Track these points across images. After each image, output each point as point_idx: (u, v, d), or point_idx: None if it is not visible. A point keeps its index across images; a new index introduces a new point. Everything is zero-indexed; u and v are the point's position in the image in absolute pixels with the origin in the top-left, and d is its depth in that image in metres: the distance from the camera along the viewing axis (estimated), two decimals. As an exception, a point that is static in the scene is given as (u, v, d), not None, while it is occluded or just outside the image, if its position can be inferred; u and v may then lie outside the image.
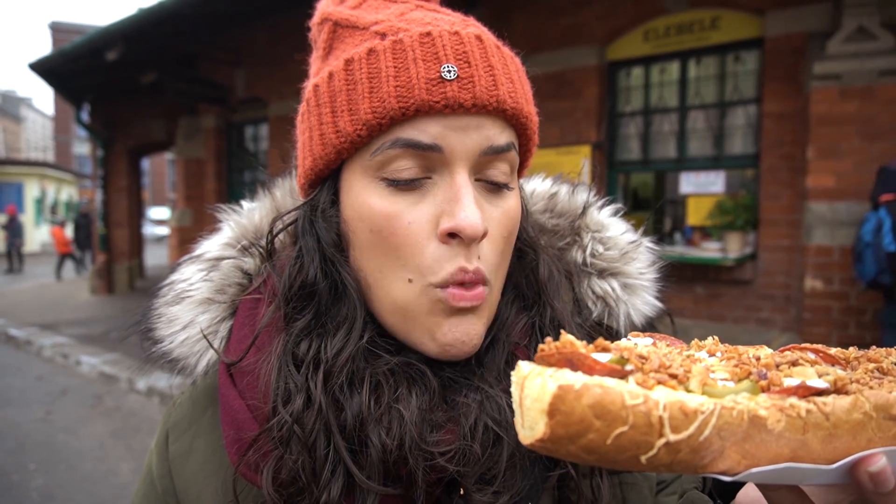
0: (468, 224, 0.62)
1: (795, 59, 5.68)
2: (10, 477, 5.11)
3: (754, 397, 0.41)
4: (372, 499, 0.63)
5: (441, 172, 0.66)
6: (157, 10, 8.32)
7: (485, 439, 0.65)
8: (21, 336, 10.18)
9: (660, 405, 0.38)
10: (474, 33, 0.69)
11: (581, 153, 6.86)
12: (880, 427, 0.42)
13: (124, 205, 14.48)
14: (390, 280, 0.67)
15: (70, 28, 35.09)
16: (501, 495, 0.64)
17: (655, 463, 0.38)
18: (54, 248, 18.88)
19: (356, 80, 0.66)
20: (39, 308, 13.01)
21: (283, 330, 0.70)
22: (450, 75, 0.64)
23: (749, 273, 6.05)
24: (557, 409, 0.37)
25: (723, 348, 0.50)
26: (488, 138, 0.66)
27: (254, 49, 9.81)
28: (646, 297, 0.83)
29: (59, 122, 46.48)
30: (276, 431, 0.64)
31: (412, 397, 0.65)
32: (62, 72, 11.51)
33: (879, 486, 0.41)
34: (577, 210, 0.86)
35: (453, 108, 0.63)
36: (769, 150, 5.91)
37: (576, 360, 0.41)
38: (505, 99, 0.66)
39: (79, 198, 37.12)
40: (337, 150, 0.68)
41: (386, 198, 0.66)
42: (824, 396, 0.42)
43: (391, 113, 0.63)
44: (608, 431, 0.37)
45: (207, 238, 0.85)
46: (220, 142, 11.53)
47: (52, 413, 6.68)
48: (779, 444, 0.40)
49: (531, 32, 7.23)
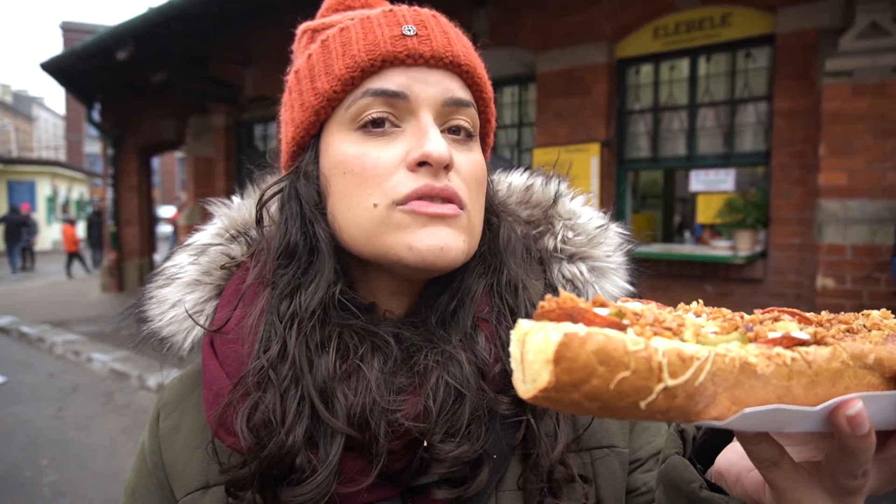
0: (434, 149, 0.68)
1: (807, 56, 5.63)
2: (22, 473, 5.16)
3: (744, 346, 0.44)
4: (335, 448, 0.66)
5: (408, 120, 0.72)
6: (167, 10, 8.37)
7: (446, 397, 0.69)
8: (33, 333, 10.28)
9: (659, 351, 0.39)
10: (430, 12, 0.79)
11: (590, 151, 6.83)
12: (856, 375, 0.45)
13: (135, 203, 14.57)
14: (357, 211, 0.71)
15: (81, 28, 35.30)
16: (465, 445, 0.68)
17: (653, 409, 0.40)
18: (63, 246, 19.01)
19: (330, 49, 0.75)
20: (51, 306, 13.13)
21: (268, 286, 0.75)
22: (410, 32, 0.73)
23: (759, 271, 6.00)
24: (563, 356, 0.38)
25: (708, 310, 0.52)
26: (448, 90, 0.73)
27: (263, 48, 9.84)
28: (615, 280, 0.87)
29: (70, 122, 46.80)
30: (253, 376, 0.69)
31: (375, 361, 0.70)
32: (73, 71, 11.60)
33: (856, 429, 0.44)
34: (550, 200, 0.90)
35: (414, 59, 0.72)
36: (780, 148, 5.86)
37: (576, 314, 0.43)
38: (459, 55, 0.74)
39: (90, 196, 37.38)
40: (315, 111, 0.75)
41: (358, 143, 0.72)
42: (806, 347, 0.45)
43: (362, 65, 0.71)
44: (611, 377, 0.38)
45: (199, 230, 0.90)
46: (230, 140, 11.58)
47: (64, 410, 6.74)
48: (766, 391, 0.42)
49: (540, 30, 7.21)
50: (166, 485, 0.81)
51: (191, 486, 0.78)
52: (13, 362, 8.89)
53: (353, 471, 0.68)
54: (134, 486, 0.86)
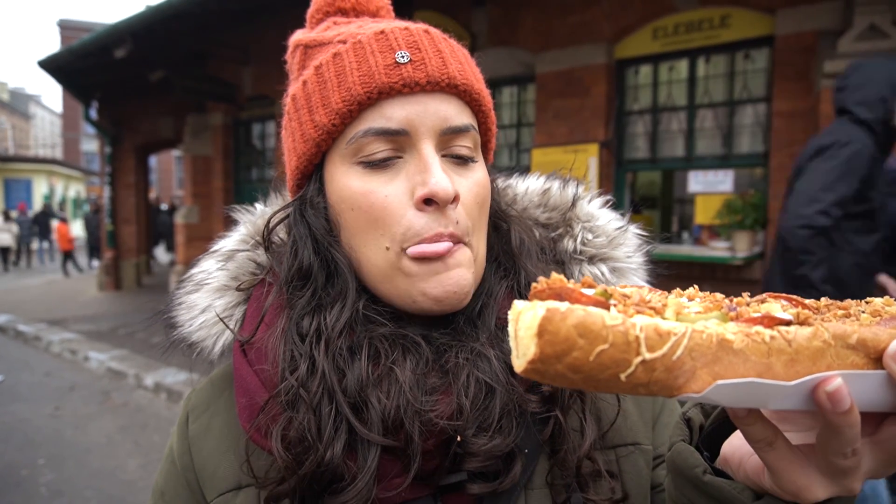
0: (440, 188, 0.70)
1: (806, 58, 5.63)
2: (19, 472, 5.14)
3: (723, 324, 0.45)
4: (373, 454, 0.68)
5: (410, 151, 0.74)
6: (165, 8, 8.35)
7: (477, 392, 0.71)
8: (30, 332, 10.25)
9: (637, 326, 0.41)
10: (422, 28, 0.78)
11: (589, 151, 6.83)
12: (838, 355, 0.45)
13: (132, 202, 14.55)
14: (372, 251, 0.74)
15: (79, 26, 35.22)
16: (497, 439, 0.70)
17: (634, 381, 0.42)
18: (57, 244, 18.95)
19: (325, 79, 0.75)
20: (48, 304, 13.10)
21: (287, 308, 0.77)
22: (403, 59, 0.72)
23: (758, 272, 6.00)
24: (546, 330, 0.40)
25: (702, 295, 0.53)
26: (447, 119, 0.74)
27: (261, 47, 9.83)
28: (635, 280, 0.89)
29: (67, 120, 46.71)
30: (284, 395, 0.71)
31: (407, 363, 0.72)
32: (71, 69, 11.56)
33: (836, 406, 0.44)
34: (568, 203, 0.92)
35: (411, 87, 0.72)
36: (779, 149, 5.86)
37: (564, 294, 0.46)
38: (455, 76, 0.74)
39: (87, 194, 37.29)
40: (316, 143, 0.76)
41: (363, 177, 0.74)
42: (788, 327, 0.46)
43: (358, 98, 0.72)
44: (590, 349, 0.40)
45: (223, 237, 0.93)
46: (228, 139, 11.56)
47: (61, 409, 6.73)
48: (745, 367, 0.43)
49: (539, 30, 7.21)
50: (196, 487, 0.82)
51: (222, 487, 0.79)
52: (10, 361, 8.86)
53: (390, 473, 0.70)
54: (163, 488, 0.86)
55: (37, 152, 50.07)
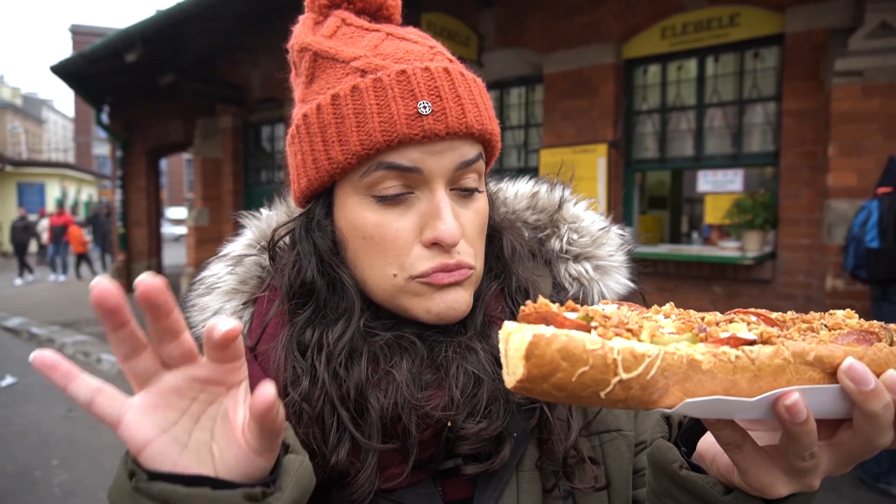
0: (448, 235, 0.75)
1: (816, 56, 5.59)
2: (33, 473, 5.19)
3: (693, 345, 0.49)
4: (373, 453, 0.74)
5: (422, 189, 0.77)
6: (175, 13, 8.41)
7: (466, 382, 0.77)
8: (43, 334, 10.35)
9: (614, 350, 0.46)
10: (442, 66, 0.78)
11: (597, 151, 6.81)
12: (797, 371, 0.50)
13: (143, 205, 14.66)
14: (378, 274, 0.79)
15: (90, 31, 35.55)
16: (484, 423, 0.76)
17: (613, 398, 0.46)
18: (72, 247, 19.07)
19: (343, 114, 0.76)
20: (60, 307, 13.21)
21: (287, 323, 0.82)
22: (425, 111, 0.74)
23: (768, 272, 5.97)
24: (532, 353, 0.45)
25: (677, 312, 0.58)
26: (461, 155, 0.77)
27: (270, 50, 9.87)
28: (617, 278, 0.94)
29: (79, 124, 47.12)
30: (288, 409, 0.75)
31: (404, 363, 0.77)
32: (82, 74, 11.66)
33: (794, 417, 0.49)
34: (555, 205, 0.98)
35: (430, 139, 0.74)
36: (789, 148, 5.83)
37: (549, 318, 0.49)
38: (472, 124, 0.77)
39: (98, 198, 37.61)
40: (330, 175, 0.79)
41: (375, 211, 0.77)
42: (752, 346, 0.50)
43: (378, 145, 0.74)
44: (573, 371, 0.45)
45: (231, 241, 0.97)
46: (238, 142, 11.62)
47: (74, 410, 6.78)
48: (713, 384, 0.48)
49: (547, 31, 7.20)
50: None
51: None
52: (24, 363, 8.94)
53: (391, 464, 0.76)
54: None
55: (49, 156, 50.56)
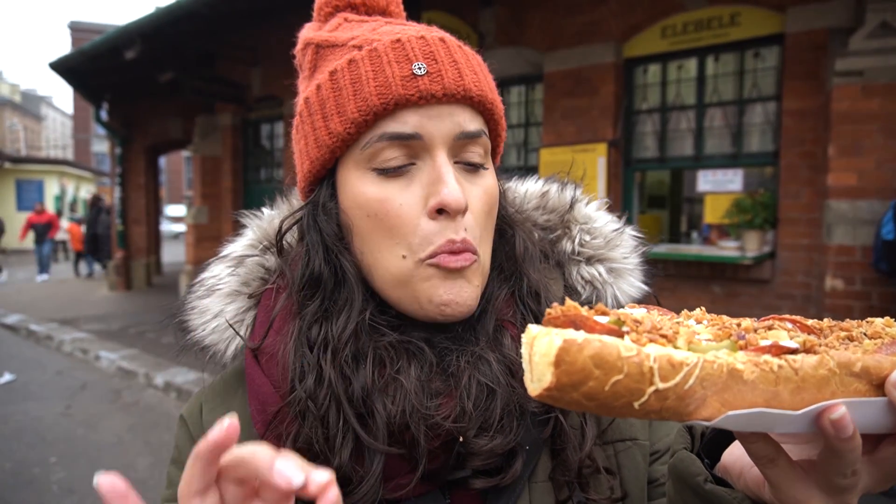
0: (452, 199, 0.71)
1: (817, 56, 5.59)
2: (31, 470, 5.19)
3: (733, 353, 0.46)
4: (378, 458, 0.71)
5: (423, 157, 0.75)
6: (175, 10, 8.39)
7: (479, 394, 0.73)
8: (41, 331, 10.34)
9: (651, 357, 0.43)
10: (438, 36, 0.78)
11: (597, 151, 6.81)
12: (843, 382, 0.47)
13: (142, 202, 14.64)
14: (387, 258, 0.76)
15: (89, 28, 35.44)
16: (498, 438, 0.72)
17: (647, 409, 0.43)
18: (70, 244, 19.06)
19: (341, 86, 0.76)
20: (59, 304, 13.20)
21: (296, 316, 0.79)
22: (420, 71, 0.73)
23: (768, 272, 5.97)
24: (563, 360, 0.42)
25: (709, 317, 0.55)
26: (460, 124, 0.75)
27: (270, 47, 9.86)
28: (631, 280, 0.91)
29: (78, 121, 47.02)
30: (294, 406, 0.73)
31: (412, 369, 0.74)
32: (82, 71, 11.65)
33: (840, 432, 0.46)
34: (566, 205, 0.94)
35: (427, 99, 0.73)
36: (789, 148, 5.83)
37: (579, 322, 0.47)
38: (470, 87, 0.75)
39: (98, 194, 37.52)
40: (331, 150, 0.77)
41: (378, 185, 0.75)
42: (795, 355, 0.47)
43: (374, 109, 0.73)
44: (606, 379, 0.42)
45: (232, 241, 0.94)
46: (237, 140, 11.61)
47: (72, 407, 6.78)
48: (754, 395, 0.45)
49: (547, 29, 7.19)
50: None
51: None
52: (22, 360, 8.94)
53: (398, 473, 0.73)
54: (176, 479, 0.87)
55: (48, 153, 50.52)
